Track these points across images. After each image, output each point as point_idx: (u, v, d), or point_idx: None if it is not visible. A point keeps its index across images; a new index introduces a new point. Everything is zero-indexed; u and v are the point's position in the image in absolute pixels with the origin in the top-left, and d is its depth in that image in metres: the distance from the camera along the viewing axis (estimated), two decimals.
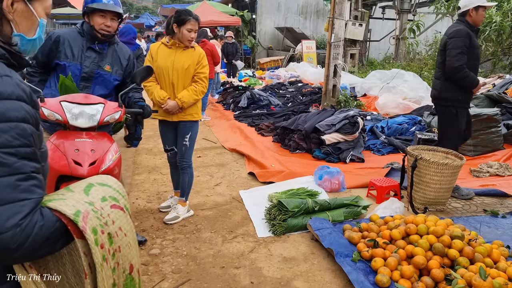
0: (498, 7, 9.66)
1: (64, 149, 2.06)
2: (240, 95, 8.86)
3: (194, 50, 3.27)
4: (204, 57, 3.32)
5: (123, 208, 1.15)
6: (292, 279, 2.66)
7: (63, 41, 2.53)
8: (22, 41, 1.11)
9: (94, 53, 2.59)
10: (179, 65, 3.22)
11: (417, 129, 6.07)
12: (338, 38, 7.04)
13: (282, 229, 3.22)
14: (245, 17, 17.83)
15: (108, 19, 2.51)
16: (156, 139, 6.21)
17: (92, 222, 1.03)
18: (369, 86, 9.23)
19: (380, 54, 17.18)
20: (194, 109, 3.36)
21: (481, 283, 2.21)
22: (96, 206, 1.08)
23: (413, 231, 2.72)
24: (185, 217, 3.51)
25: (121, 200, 1.17)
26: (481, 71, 10.85)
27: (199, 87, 3.27)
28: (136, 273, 1.18)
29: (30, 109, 1.00)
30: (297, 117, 5.94)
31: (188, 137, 3.38)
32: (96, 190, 1.13)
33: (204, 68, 3.31)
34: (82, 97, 2.26)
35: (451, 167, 3.42)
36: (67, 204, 1.03)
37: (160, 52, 3.27)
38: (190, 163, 3.48)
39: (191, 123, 3.38)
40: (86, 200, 1.07)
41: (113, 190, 1.17)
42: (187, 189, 3.52)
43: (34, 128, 1.01)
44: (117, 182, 1.22)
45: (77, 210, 1.02)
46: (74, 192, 1.09)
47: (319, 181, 4.15)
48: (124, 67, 2.73)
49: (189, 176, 3.48)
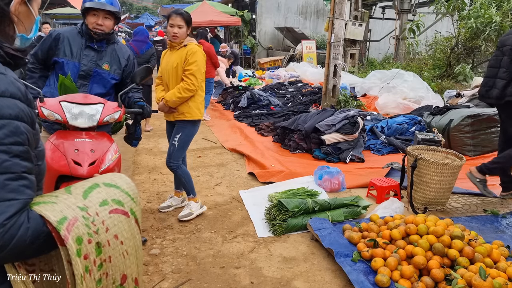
0: (498, 7, 9.67)
1: (64, 149, 2.06)
2: (240, 95, 8.86)
3: (184, 48, 3.25)
4: (193, 54, 3.21)
5: (128, 213, 1.10)
6: (292, 279, 2.66)
7: (63, 39, 2.57)
8: (22, 40, 1.13)
9: (93, 51, 2.61)
10: (170, 66, 3.28)
11: (417, 129, 6.07)
12: (338, 38, 7.04)
13: (282, 229, 3.22)
14: (245, 17, 17.81)
15: (101, 18, 2.53)
16: (156, 139, 6.21)
17: (78, 231, 0.98)
18: (369, 86, 9.22)
19: (380, 54, 17.16)
20: (186, 108, 3.30)
21: (481, 283, 2.21)
22: (90, 211, 1.03)
23: (413, 231, 2.72)
24: (199, 213, 3.52)
25: (128, 203, 1.11)
26: (481, 71, 10.85)
27: (183, 84, 3.22)
28: (132, 283, 1.12)
29: (24, 107, 0.99)
30: (297, 117, 5.94)
31: (178, 137, 3.35)
32: (98, 192, 1.08)
33: (191, 65, 3.21)
34: (81, 97, 2.25)
35: (451, 167, 3.42)
36: (55, 209, 0.98)
37: (165, 55, 3.42)
38: (178, 164, 3.42)
39: (183, 123, 3.35)
40: (79, 204, 1.03)
41: (120, 191, 1.11)
42: (188, 186, 3.51)
43: (29, 126, 1.00)
44: (129, 182, 1.16)
45: (63, 216, 0.97)
46: (70, 195, 1.05)
47: (319, 181, 4.15)
48: (123, 66, 2.74)
49: (182, 175, 3.45)
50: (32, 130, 1.02)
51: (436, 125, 5.49)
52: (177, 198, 3.71)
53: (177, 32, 3.18)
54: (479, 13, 9.65)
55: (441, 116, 5.66)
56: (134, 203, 1.13)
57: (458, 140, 5.28)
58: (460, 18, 10.58)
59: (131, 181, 1.18)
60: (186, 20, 3.20)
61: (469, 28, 9.79)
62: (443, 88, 9.29)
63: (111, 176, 1.17)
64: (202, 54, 3.32)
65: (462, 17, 10.39)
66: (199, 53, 3.26)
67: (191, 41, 3.31)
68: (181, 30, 3.18)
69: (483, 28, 9.41)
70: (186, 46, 3.25)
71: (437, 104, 7.50)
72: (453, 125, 5.28)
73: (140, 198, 3.95)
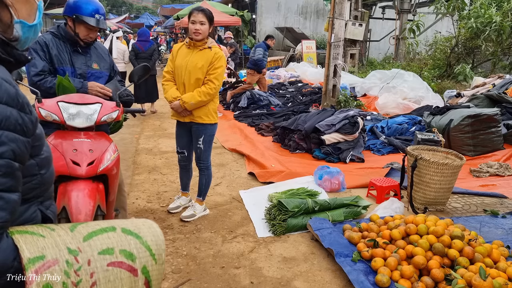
0: (498, 7, 9.66)
1: (62, 149, 2.06)
2: (240, 95, 8.86)
3: (210, 51, 3.16)
4: (219, 59, 3.15)
5: (136, 270, 0.90)
6: (292, 279, 2.66)
7: (51, 47, 2.50)
8: (24, 28, 1.00)
9: (80, 54, 2.62)
10: (191, 65, 3.15)
11: (417, 129, 6.07)
12: (338, 38, 7.04)
13: (282, 229, 3.21)
14: (245, 17, 17.83)
15: (94, 31, 2.55)
16: (156, 139, 6.20)
17: (50, 277, 0.80)
18: (369, 86, 9.23)
19: (380, 54, 17.16)
20: (204, 112, 3.24)
21: (481, 283, 2.20)
22: (81, 257, 0.85)
23: (413, 231, 2.72)
24: (201, 215, 3.55)
25: (143, 259, 0.91)
26: (481, 71, 10.85)
27: (204, 88, 3.14)
28: None
29: (13, 112, 0.87)
30: (297, 117, 5.93)
31: (202, 140, 3.32)
32: (108, 237, 0.90)
33: (217, 70, 3.14)
34: (79, 97, 2.25)
35: (451, 167, 3.42)
36: (37, 244, 0.83)
37: (180, 51, 3.26)
38: (207, 164, 3.45)
39: (202, 126, 3.30)
40: (71, 246, 0.85)
41: (139, 243, 0.92)
42: (205, 190, 3.53)
43: (18, 135, 0.88)
44: (157, 235, 0.96)
45: (40, 255, 0.81)
46: (69, 232, 0.88)
47: (319, 181, 4.14)
48: (109, 62, 2.78)
49: (206, 177, 3.49)
50: (24, 138, 0.90)
51: (436, 125, 5.49)
52: (185, 198, 3.71)
53: (199, 28, 3.06)
54: (479, 13, 9.65)
55: (441, 116, 5.65)
56: (153, 261, 0.92)
57: (458, 140, 5.28)
58: (460, 18, 10.58)
59: (162, 234, 0.98)
60: (209, 17, 3.09)
61: (469, 28, 9.79)
62: (443, 88, 9.29)
63: (138, 223, 0.98)
64: (225, 61, 3.25)
65: (462, 17, 10.39)
66: (224, 59, 3.21)
67: (214, 43, 3.21)
68: (203, 27, 3.07)
69: (483, 28, 9.41)
70: (211, 48, 3.16)
71: (437, 104, 7.50)
72: (453, 125, 5.28)
73: (140, 198, 3.95)
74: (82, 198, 1.92)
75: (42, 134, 1.03)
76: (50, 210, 1.10)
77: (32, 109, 0.98)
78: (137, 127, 6.92)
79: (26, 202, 1.00)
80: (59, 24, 2.58)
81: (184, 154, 3.50)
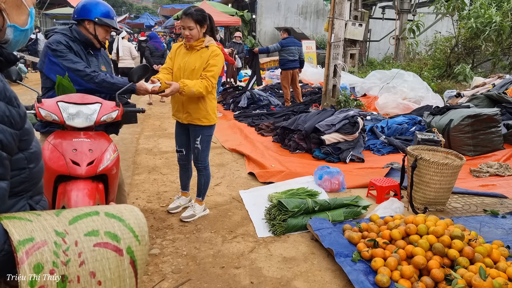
0: (498, 7, 9.67)
1: (62, 149, 2.06)
2: (240, 95, 8.86)
3: (207, 50, 3.14)
4: (215, 57, 3.12)
5: (122, 250, 0.94)
6: (292, 279, 2.66)
7: (72, 48, 2.52)
8: (15, 32, 1.06)
9: (92, 56, 2.66)
10: (188, 66, 3.16)
11: (417, 129, 6.07)
12: (338, 38, 7.04)
13: (282, 229, 3.21)
14: (245, 17, 17.82)
15: (109, 33, 2.67)
16: (156, 139, 6.20)
17: (40, 256, 0.83)
18: (369, 86, 9.23)
19: (380, 54, 17.17)
20: (203, 114, 3.23)
21: (481, 283, 2.20)
22: (68, 239, 0.89)
23: (413, 231, 2.71)
24: (201, 215, 3.55)
25: (127, 240, 0.96)
26: (481, 71, 10.86)
27: (205, 82, 3.09)
28: None
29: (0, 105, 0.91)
30: (297, 117, 5.93)
31: (199, 140, 3.32)
32: (92, 220, 0.94)
33: (213, 68, 3.12)
34: (78, 97, 2.25)
35: (451, 167, 3.42)
36: (25, 227, 0.86)
37: (179, 51, 3.26)
38: (205, 165, 3.44)
39: (200, 127, 3.29)
40: (58, 229, 0.89)
41: (122, 225, 0.97)
42: (204, 190, 3.54)
43: (6, 126, 0.92)
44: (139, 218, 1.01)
45: (29, 237, 0.84)
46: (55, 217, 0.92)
47: (319, 181, 4.14)
48: (111, 64, 2.88)
49: (204, 178, 3.49)
50: (11, 130, 0.94)
51: (436, 125, 5.49)
52: (185, 197, 3.71)
53: (189, 34, 3.08)
54: (479, 13, 9.66)
55: (441, 116, 5.65)
56: (137, 242, 0.97)
57: (458, 140, 5.27)
58: (460, 18, 10.58)
59: (143, 217, 1.03)
60: (196, 19, 3.06)
61: (469, 28, 9.79)
62: (443, 88, 9.30)
63: (120, 207, 1.03)
64: (222, 59, 3.22)
65: (462, 17, 10.39)
66: (221, 57, 3.17)
67: (211, 41, 3.19)
68: (192, 32, 3.07)
69: (483, 28, 9.42)
70: (208, 47, 3.14)
71: (437, 104, 7.50)
72: (453, 125, 5.28)
73: (140, 198, 3.95)
74: (81, 198, 1.92)
75: (31, 129, 1.07)
76: (40, 205, 1.13)
77: (20, 103, 1.02)
78: (137, 127, 6.92)
79: (15, 196, 1.03)
80: (71, 26, 2.59)
81: (183, 153, 3.50)
